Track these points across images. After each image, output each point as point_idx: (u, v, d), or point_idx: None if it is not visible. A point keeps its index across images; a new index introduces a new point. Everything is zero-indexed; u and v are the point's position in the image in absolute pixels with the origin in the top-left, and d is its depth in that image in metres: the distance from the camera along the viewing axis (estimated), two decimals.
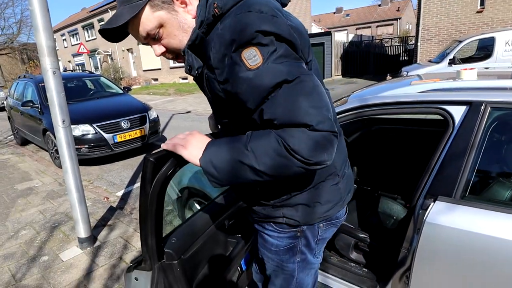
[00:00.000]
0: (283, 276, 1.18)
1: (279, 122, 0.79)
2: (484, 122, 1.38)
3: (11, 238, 3.11)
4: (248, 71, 0.79)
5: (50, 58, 2.46)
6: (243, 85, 0.81)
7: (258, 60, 0.78)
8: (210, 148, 0.88)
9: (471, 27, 10.72)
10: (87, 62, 28.17)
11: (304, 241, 1.10)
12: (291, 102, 0.77)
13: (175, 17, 0.88)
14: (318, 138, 0.77)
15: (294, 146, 0.77)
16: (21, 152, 6.74)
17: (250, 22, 0.78)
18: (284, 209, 1.05)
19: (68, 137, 2.63)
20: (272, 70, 0.78)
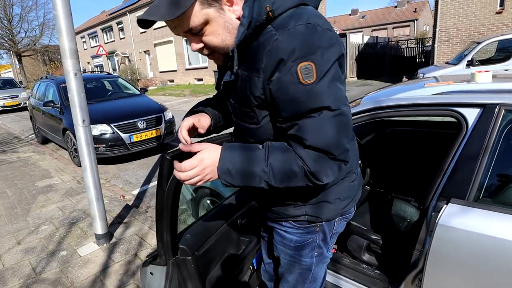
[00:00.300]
0: (299, 271, 1.20)
1: (308, 143, 0.84)
2: (498, 125, 1.36)
3: (32, 233, 3.23)
4: (300, 84, 0.81)
5: (72, 60, 2.55)
6: (288, 95, 0.83)
7: (312, 77, 0.80)
8: (227, 155, 0.90)
9: (490, 28, 10.45)
10: (106, 63, 28.77)
11: (321, 236, 1.15)
12: (327, 132, 0.83)
13: (221, 16, 0.86)
14: (335, 165, 0.88)
15: (314, 170, 0.86)
16: (41, 150, 6.95)
17: (313, 36, 0.81)
18: (307, 207, 1.08)
19: (87, 136, 2.71)
20: (321, 92, 0.82)
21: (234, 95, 1.00)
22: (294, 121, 0.86)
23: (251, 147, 0.92)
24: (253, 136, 1.01)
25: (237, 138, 1.11)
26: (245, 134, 1.04)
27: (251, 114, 0.96)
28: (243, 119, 1.01)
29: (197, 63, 20.71)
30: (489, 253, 1.27)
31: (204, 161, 0.90)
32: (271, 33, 0.84)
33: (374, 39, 18.96)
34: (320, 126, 0.83)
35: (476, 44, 7.69)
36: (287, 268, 1.22)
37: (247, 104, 0.95)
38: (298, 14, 0.84)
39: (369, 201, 2.39)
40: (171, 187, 1.07)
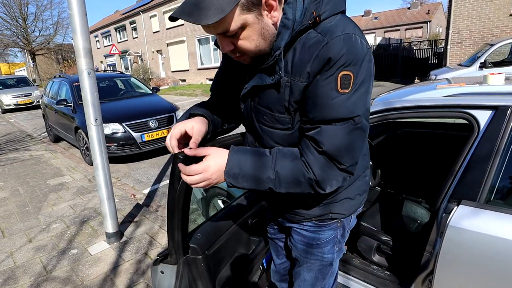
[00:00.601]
0: (319, 268, 1.22)
1: (324, 149, 0.87)
2: (510, 127, 1.36)
3: (43, 231, 3.28)
4: (336, 91, 0.83)
5: (86, 60, 2.59)
6: (321, 99, 0.85)
7: (348, 87, 0.83)
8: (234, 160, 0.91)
9: (503, 30, 10.28)
10: (118, 62, 29.14)
11: (341, 231, 1.19)
12: (345, 142, 0.87)
13: (259, 22, 0.84)
14: (341, 176, 0.91)
15: (320, 178, 0.88)
16: (53, 148, 7.06)
17: (356, 47, 0.83)
18: (331, 206, 1.10)
19: (99, 135, 2.75)
20: (352, 105, 0.84)
21: (262, 99, 0.98)
22: (318, 125, 0.87)
23: (259, 152, 0.94)
24: (283, 142, 1.01)
25: (261, 145, 1.07)
26: (272, 139, 1.02)
27: (285, 119, 0.96)
28: (272, 125, 0.99)
29: (209, 63, 20.83)
30: (500, 255, 1.26)
31: (210, 168, 0.90)
32: (317, 38, 0.84)
33: (386, 41, 18.84)
34: (341, 135, 0.86)
35: (489, 46, 7.58)
36: (306, 266, 1.23)
37: (283, 110, 0.94)
38: (342, 23, 0.86)
39: (380, 202, 2.38)
40: (183, 187, 1.08)
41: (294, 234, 1.21)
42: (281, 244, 1.41)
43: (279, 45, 0.87)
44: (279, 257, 1.45)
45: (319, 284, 1.26)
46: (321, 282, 1.26)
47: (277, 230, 1.38)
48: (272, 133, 1.01)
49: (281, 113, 0.95)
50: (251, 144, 1.12)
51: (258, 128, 1.04)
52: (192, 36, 21.12)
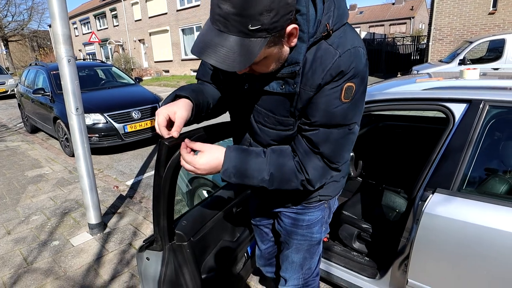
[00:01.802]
0: (308, 248, 1.29)
1: (320, 150, 0.94)
2: (482, 120, 1.44)
3: (22, 223, 3.20)
4: (339, 100, 0.89)
5: (65, 46, 2.52)
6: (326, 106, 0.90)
7: (350, 96, 0.89)
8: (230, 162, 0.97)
9: (482, 28, 10.61)
10: (98, 51, 28.31)
11: (328, 212, 1.28)
12: (339, 145, 0.95)
13: (279, 51, 0.84)
14: (329, 173, 0.99)
15: (312, 177, 0.96)
16: (31, 139, 6.84)
17: (360, 60, 0.88)
18: (319, 189, 1.16)
19: (81, 125, 2.70)
20: (352, 111, 0.91)
21: (265, 103, 1.00)
22: (316, 127, 0.93)
23: (253, 153, 0.98)
24: (280, 139, 1.05)
25: (255, 141, 1.11)
26: (269, 137, 1.06)
27: (289, 122, 1.00)
28: (273, 127, 1.03)
29: None
30: (470, 239, 1.34)
31: (202, 166, 0.96)
32: (330, 50, 0.86)
33: (371, 35, 19.06)
34: (337, 139, 0.93)
35: (469, 43, 7.82)
36: (295, 248, 1.29)
37: (288, 114, 0.98)
38: (350, 35, 0.89)
39: (361, 192, 2.45)
40: (168, 173, 1.09)
41: (283, 218, 1.27)
42: (266, 230, 1.45)
43: (297, 59, 0.87)
44: (264, 243, 1.49)
45: (307, 263, 1.33)
46: (309, 262, 1.33)
47: (264, 217, 1.42)
48: (271, 132, 1.04)
49: (285, 117, 0.99)
50: (245, 140, 1.14)
51: (256, 127, 1.07)
52: (176, 26, 20.75)
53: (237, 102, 1.09)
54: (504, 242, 1.26)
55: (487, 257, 1.31)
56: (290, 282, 1.38)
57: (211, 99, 1.13)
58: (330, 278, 1.95)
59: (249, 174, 0.97)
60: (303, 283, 1.38)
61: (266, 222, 1.43)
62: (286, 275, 1.38)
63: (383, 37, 18.83)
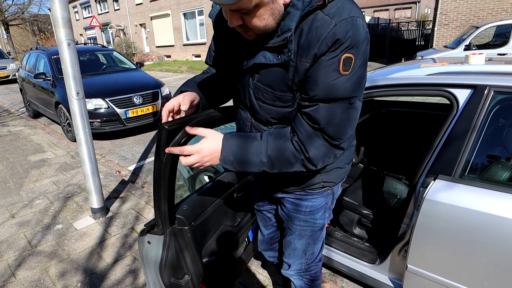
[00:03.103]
0: (311, 233, 1.29)
1: (320, 126, 0.91)
2: (486, 105, 1.42)
3: (26, 207, 3.24)
4: (337, 73, 0.86)
5: (65, 30, 2.49)
6: (323, 78, 0.87)
7: (349, 69, 0.86)
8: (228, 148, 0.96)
9: (490, 13, 10.37)
10: (99, 36, 27.96)
11: (331, 197, 1.27)
12: (340, 120, 0.91)
13: (273, 2, 0.84)
14: (332, 152, 0.96)
15: (313, 155, 0.93)
16: (33, 124, 6.86)
17: (359, 30, 0.85)
18: (323, 175, 1.16)
19: (82, 109, 2.69)
20: (351, 85, 0.88)
21: (264, 77, 0.99)
22: (316, 103, 0.91)
23: (250, 138, 0.98)
24: (281, 117, 1.03)
25: (257, 120, 1.09)
26: (269, 115, 1.04)
27: (287, 97, 0.98)
28: (273, 103, 1.01)
29: (195, 38, 20.26)
30: (471, 226, 1.34)
31: (203, 151, 0.95)
32: (325, 19, 0.85)
33: (375, 20, 18.71)
34: (337, 114, 0.90)
35: (475, 28, 7.66)
36: (298, 234, 1.30)
37: (286, 88, 0.96)
38: (348, 5, 0.87)
39: (362, 178, 2.45)
40: (169, 157, 1.09)
41: (286, 204, 1.26)
42: (269, 215, 1.46)
43: (289, 26, 0.87)
44: (266, 228, 1.50)
45: (310, 249, 1.34)
46: (312, 247, 1.33)
47: (266, 202, 1.42)
48: (271, 109, 1.03)
49: (283, 92, 0.97)
50: (246, 120, 1.13)
51: (255, 105, 1.06)
52: (177, 10, 20.42)
53: (238, 81, 1.09)
54: (505, 229, 1.26)
55: (488, 244, 1.31)
56: (293, 267, 1.39)
57: (214, 88, 1.22)
58: (331, 263, 1.97)
59: (248, 159, 0.96)
60: (306, 268, 1.39)
61: (269, 207, 1.43)
62: (289, 260, 1.39)
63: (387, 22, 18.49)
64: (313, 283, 1.44)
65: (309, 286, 1.44)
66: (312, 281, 1.43)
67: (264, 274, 2.19)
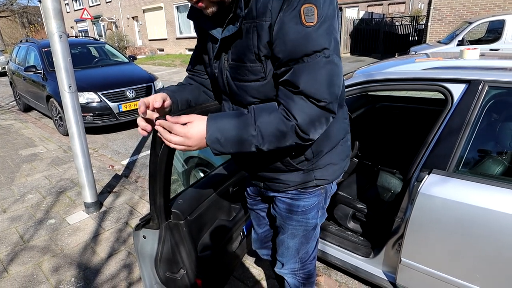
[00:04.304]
0: (304, 233, 1.26)
1: (300, 88, 0.85)
2: (481, 100, 1.43)
3: (17, 202, 3.20)
4: (301, 25, 0.82)
5: (56, 21, 2.44)
6: (288, 36, 0.84)
7: (313, 19, 0.82)
8: (213, 125, 0.90)
9: (482, 9, 10.44)
10: (91, 29, 27.51)
11: (324, 196, 1.23)
12: (320, 77, 0.84)
13: None
14: (322, 116, 0.88)
15: (302, 121, 0.86)
16: (24, 118, 6.76)
17: None
18: (316, 172, 1.12)
19: (74, 103, 2.66)
20: (320, 35, 0.83)
21: (234, 53, 0.97)
22: (290, 65, 0.87)
23: (236, 114, 0.93)
24: (259, 94, 0.99)
25: (238, 104, 1.06)
26: (248, 94, 1.00)
27: (257, 68, 0.94)
28: (246, 78, 0.98)
29: (189, 32, 20.05)
30: (465, 220, 1.36)
31: (188, 134, 0.89)
32: None
33: (369, 15, 18.72)
34: (314, 71, 0.84)
35: (468, 24, 7.71)
36: (291, 233, 1.27)
37: (254, 58, 0.93)
38: None
39: (357, 172, 2.47)
40: (164, 151, 1.08)
41: (278, 203, 1.23)
42: (263, 214, 1.44)
43: None
44: (260, 226, 1.48)
45: (304, 248, 1.31)
46: (305, 247, 1.31)
47: (259, 201, 1.40)
48: (247, 87, 0.99)
49: (253, 62, 0.94)
50: (228, 109, 1.11)
51: (233, 86, 1.03)
52: (170, 2, 20.16)
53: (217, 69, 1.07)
54: (498, 223, 1.28)
55: (481, 237, 1.33)
56: (287, 266, 1.38)
57: (191, 97, 1.17)
58: (325, 257, 1.99)
59: (236, 133, 0.89)
60: (300, 267, 1.37)
61: (262, 206, 1.41)
62: (282, 259, 1.37)
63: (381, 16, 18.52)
64: (307, 281, 1.43)
65: (303, 284, 1.42)
66: (306, 279, 1.42)
67: (258, 268, 2.20)
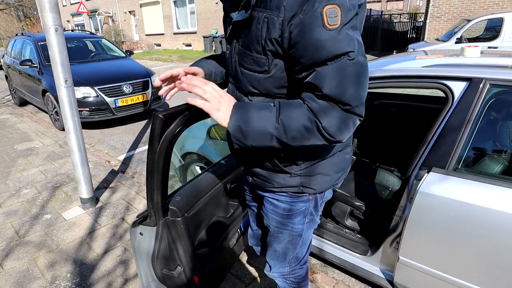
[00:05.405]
0: (290, 238, 1.23)
1: (324, 91, 0.81)
2: (482, 98, 1.42)
3: (13, 196, 3.18)
4: (324, 28, 0.78)
5: (52, 14, 2.41)
6: (310, 39, 0.80)
7: (337, 21, 0.78)
8: (238, 113, 0.89)
9: (481, 7, 10.43)
10: (87, 23, 27.25)
11: (313, 203, 1.17)
12: (345, 80, 0.80)
13: None
14: (349, 119, 0.84)
15: (327, 124, 0.82)
16: (19, 112, 6.70)
17: None
18: (303, 178, 1.08)
19: (70, 97, 2.63)
20: (345, 38, 0.79)
21: (244, 39, 0.95)
22: (313, 68, 0.83)
23: (263, 105, 0.90)
24: (260, 87, 0.97)
25: (239, 90, 1.05)
26: (250, 83, 0.99)
27: (262, 60, 0.91)
28: (251, 67, 0.96)
29: (186, 27, 19.90)
30: (464, 219, 1.35)
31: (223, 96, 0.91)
32: None
33: (367, 12, 18.65)
34: (339, 74, 0.80)
35: (467, 21, 7.71)
36: (277, 236, 1.24)
37: (260, 49, 0.90)
38: None
39: (355, 170, 2.46)
40: (162, 147, 1.06)
41: (266, 203, 1.21)
42: (256, 211, 1.43)
43: None
44: (255, 223, 1.48)
45: (291, 253, 1.28)
46: (292, 252, 1.28)
47: (252, 198, 1.39)
48: (251, 76, 0.98)
49: (258, 53, 0.92)
50: (232, 92, 1.09)
51: (239, 72, 1.01)
52: None
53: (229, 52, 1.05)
54: (497, 222, 1.28)
55: (480, 236, 1.33)
56: (275, 270, 1.35)
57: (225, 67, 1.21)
58: (322, 254, 1.99)
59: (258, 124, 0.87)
60: (289, 271, 1.34)
61: (254, 204, 1.41)
62: (271, 262, 1.35)
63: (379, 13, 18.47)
64: (299, 285, 1.39)
65: None
66: (298, 283, 1.39)
67: (255, 265, 2.20)
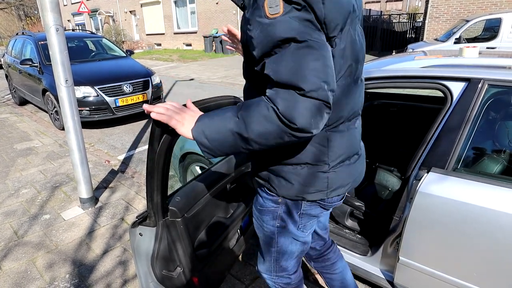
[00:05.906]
0: (263, 237, 1.24)
1: (275, 79, 0.81)
2: (480, 99, 1.43)
3: (12, 196, 3.17)
4: (265, 18, 0.80)
5: (53, 14, 2.41)
6: (257, 30, 0.83)
7: (278, 10, 0.79)
8: (203, 120, 0.91)
9: (479, 7, 10.45)
10: (88, 22, 27.25)
11: (284, 209, 1.12)
12: (293, 63, 0.78)
13: None
14: (309, 103, 0.78)
15: (284, 109, 0.79)
16: (19, 112, 6.69)
17: None
18: (270, 175, 1.07)
19: (70, 97, 2.63)
20: (287, 23, 0.79)
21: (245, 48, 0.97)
22: (264, 59, 0.84)
23: (226, 109, 0.91)
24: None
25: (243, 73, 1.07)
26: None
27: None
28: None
29: (186, 27, 19.90)
30: (463, 219, 1.36)
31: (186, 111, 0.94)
32: None
33: (367, 12, 18.67)
34: (284, 59, 0.79)
35: (465, 22, 7.72)
36: (256, 228, 1.27)
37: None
38: None
39: None
40: (162, 148, 1.06)
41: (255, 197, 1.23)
42: None
43: None
44: None
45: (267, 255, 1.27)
46: (268, 255, 1.26)
47: None
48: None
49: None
50: None
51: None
52: None
53: None
54: (497, 222, 1.28)
55: (480, 237, 1.33)
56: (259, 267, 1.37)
57: None
58: None
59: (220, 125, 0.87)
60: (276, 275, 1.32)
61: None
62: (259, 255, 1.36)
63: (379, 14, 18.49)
64: None
65: None
66: None
67: (255, 266, 2.19)
